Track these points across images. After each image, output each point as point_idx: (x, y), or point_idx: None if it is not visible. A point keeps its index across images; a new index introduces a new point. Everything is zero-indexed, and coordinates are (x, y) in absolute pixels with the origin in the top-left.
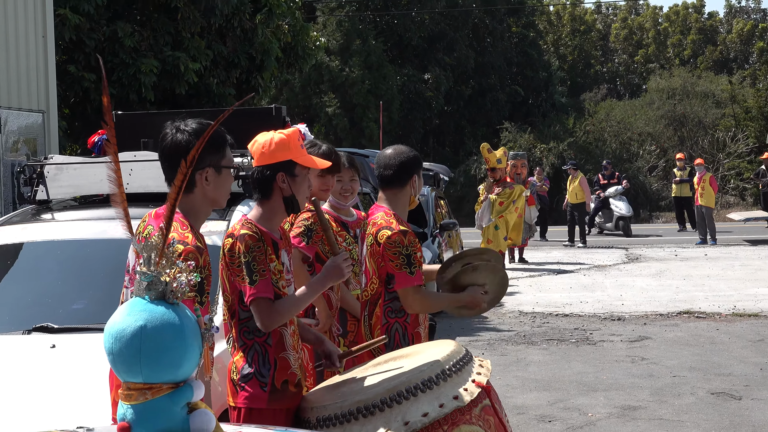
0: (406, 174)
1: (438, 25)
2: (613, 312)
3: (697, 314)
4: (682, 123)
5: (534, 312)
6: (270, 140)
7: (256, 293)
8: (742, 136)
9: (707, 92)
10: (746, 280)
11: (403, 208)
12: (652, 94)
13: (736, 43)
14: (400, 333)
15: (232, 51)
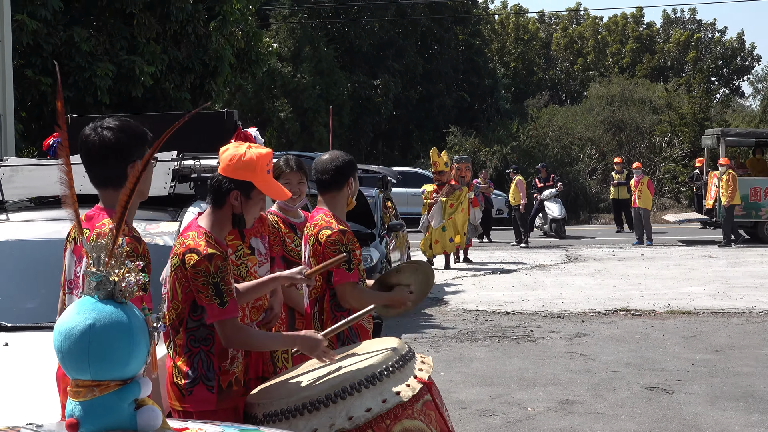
0: (342, 177)
1: (387, 32)
2: (553, 310)
3: (633, 312)
4: (620, 128)
5: (477, 310)
6: (239, 156)
7: (225, 315)
8: (677, 141)
9: (644, 99)
10: (680, 279)
11: (341, 210)
12: (592, 101)
13: (672, 52)
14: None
15: (187, 56)
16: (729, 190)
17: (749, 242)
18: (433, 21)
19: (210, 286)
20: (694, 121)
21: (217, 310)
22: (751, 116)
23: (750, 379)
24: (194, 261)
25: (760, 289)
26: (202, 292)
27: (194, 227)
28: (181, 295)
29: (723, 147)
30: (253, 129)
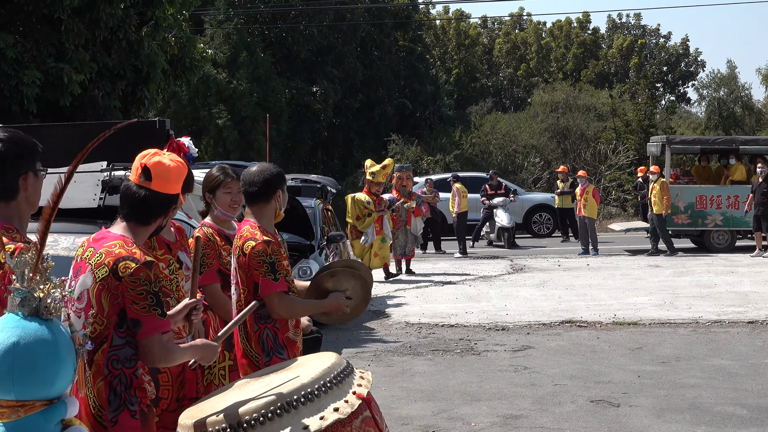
0: (270, 189)
1: (326, 38)
2: (498, 322)
3: (578, 323)
4: (565, 136)
5: (420, 323)
6: (178, 169)
7: (164, 327)
8: (622, 148)
9: (589, 106)
10: (626, 290)
11: (268, 221)
12: (536, 108)
13: (616, 58)
14: (272, 338)
15: (118, 63)
16: (662, 199)
17: (696, 251)
18: (373, 26)
19: (149, 296)
20: (640, 128)
21: (157, 322)
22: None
23: (696, 390)
24: (132, 269)
25: (706, 298)
26: (139, 303)
27: (115, 237)
28: (108, 309)
29: (668, 154)
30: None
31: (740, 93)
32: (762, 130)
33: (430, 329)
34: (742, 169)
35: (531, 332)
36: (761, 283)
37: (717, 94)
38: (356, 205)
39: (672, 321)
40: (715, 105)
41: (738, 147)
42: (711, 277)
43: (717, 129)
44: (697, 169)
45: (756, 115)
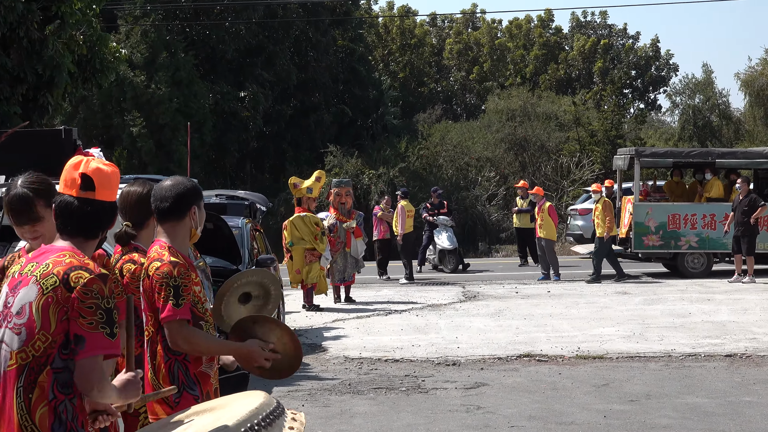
0: (183, 206)
1: (255, 36)
2: (448, 356)
3: (538, 357)
4: (523, 147)
5: (361, 357)
6: (116, 174)
7: (113, 348)
8: (587, 161)
9: (550, 114)
10: (591, 319)
11: (181, 242)
12: (490, 116)
13: (578, 60)
14: (183, 371)
15: (18, 64)
16: (605, 220)
17: (668, 276)
18: (309, 24)
19: (99, 311)
20: (606, 139)
21: (104, 341)
22: (669, 133)
23: None
24: (85, 279)
25: (680, 329)
26: (86, 318)
27: (62, 248)
28: (54, 325)
29: (637, 168)
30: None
31: (717, 100)
32: (741, 141)
33: (372, 365)
34: (719, 184)
35: (485, 367)
36: (740, 311)
37: (691, 101)
38: (308, 225)
39: (642, 354)
40: (690, 113)
41: (714, 160)
42: (685, 306)
43: (691, 140)
44: (669, 184)
45: (734, 124)
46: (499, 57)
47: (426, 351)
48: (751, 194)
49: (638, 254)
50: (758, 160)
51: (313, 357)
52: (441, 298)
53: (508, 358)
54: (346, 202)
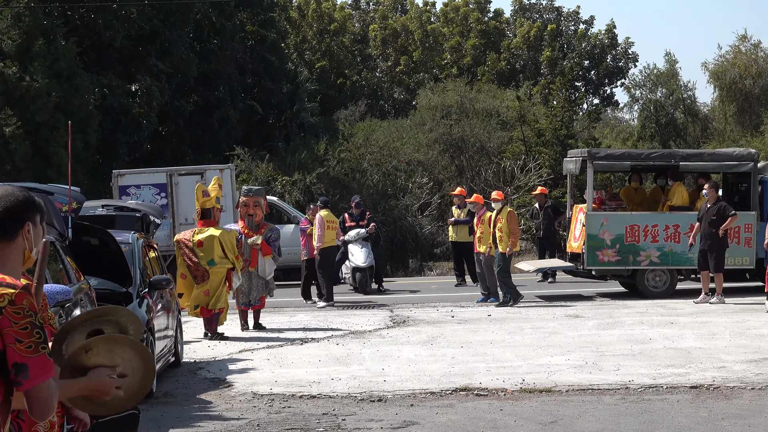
0: (13, 223)
1: (149, 21)
2: (373, 391)
3: (476, 391)
4: (460, 149)
5: (272, 394)
6: None
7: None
8: (533, 165)
9: (491, 110)
10: (538, 347)
11: (13, 267)
12: (422, 113)
13: (522, 49)
14: None
15: None
16: (508, 233)
17: (625, 296)
18: (211, 6)
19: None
20: (555, 140)
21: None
22: (627, 132)
23: None
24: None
25: (639, 357)
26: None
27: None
28: None
29: (591, 172)
30: None
31: (682, 94)
32: (709, 141)
33: (285, 402)
34: (684, 191)
35: (416, 404)
36: (707, 336)
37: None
38: (230, 240)
39: (595, 386)
40: (651, 109)
41: (678, 163)
42: (645, 330)
43: (653, 140)
44: (627, 191)
45: (701, 122)
46: (432, 45)
47: (347, 385)
48: (720, 202)
49: (592, 271)
50: (728, 163)
51: (216, 393)
52: (365, 324)
53: (442, 393)
54: (254, 214)
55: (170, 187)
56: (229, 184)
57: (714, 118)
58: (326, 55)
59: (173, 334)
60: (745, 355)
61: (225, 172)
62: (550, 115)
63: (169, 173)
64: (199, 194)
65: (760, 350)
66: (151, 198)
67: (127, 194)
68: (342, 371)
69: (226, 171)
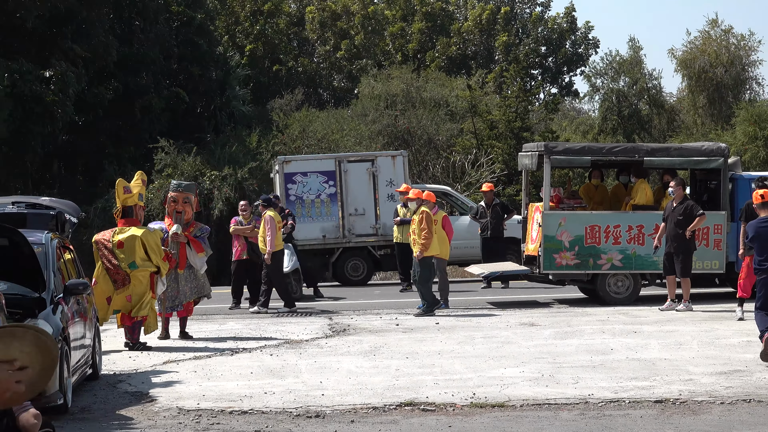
0: None
1: (65, 0)
2: (310, 406)
3: (423, 406)
4: (406, 142)
5: (199, 409)
6: None
7: None
8: (485, 160)
9: (439, 100)
10: (490, 358)
11: None
12: (364, 102)
13: (474, 34)
14: None
15: None
16: (422, 235)
17: (585, 303)
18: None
19: None
20: (509, 132)
21: None
22: (588, 124)
23: None
24: None
25: (599, 369)
26: None
27: None
28: None
29: (547, 168)
30: None
31: (647, 83)
32: (676, 135)
33: (214, 417)
34: (648, 188)
35: (356, 420)
36: (673, 347)
37: (615, 84)
38: (154, 240)
39: (552, 401)
40: (613, 100)
41: (643, 158)
42: (606, 340)
43: (615, 133)
44: (587, 188)
45: (668, 114)
46: (375, 29)
47: (282, 399)
48: (688, 201)
49: (548, 276)
50: (696, 159)
51: (137, 409)
52: (302, 333)
53: (385, 408)
54: (184, 211)
55: (339, 175)
56: (401, 173)
57: (681, 110)
58: (260, 38)
59: (91, 344)
60: (713, 367)
61: (397, 159)
62: (504, 106)
63: (338, 160)
64: (119, 190)
65: (730, 361)
66: (319, 187)
67: (293, 182)
68: (276, 384)
69: (399, 158)
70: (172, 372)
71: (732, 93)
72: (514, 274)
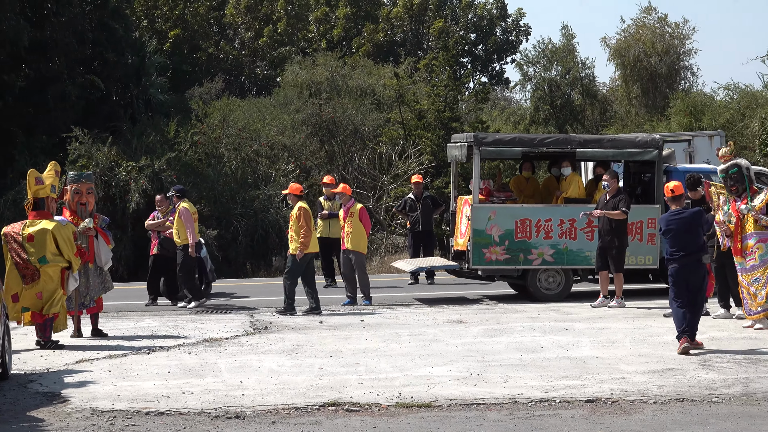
0: None
1: None
2: (230, 407)
3: (347, 406)
4: (331, 132)
5: (114, 410)
6: None
7: None
8: (413, 151)
9: (365, 88)
10: (417, 356)
11: None
12: (287, 91)
13: (404, 20)
14: None
15: None
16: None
17: (515, 299)
18: None
19: None
20: (438, 123)
21: None
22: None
23: None
24: None
25: (529, 368)
26: None
27: None
28: None
29: (477, 160)
30: None
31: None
32: (609, 125)
33: (129, 419)
34: (580, 181)
35: (278, 421)
36: (605, 344)
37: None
38: (66, 234)
39: (480, 401)
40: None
41: (575, 150)
42: (536, 337)
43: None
44: (517, 181)
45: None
46: (298, 15)
47: (201, 400)
48: (621, 194)
49: (478, 271)
50: (630, 150)
51: (49, 410)
52: (221, 331)
53: (308, 408)
54: (88, 203)
55: None
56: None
57: (615, 100)
58: (179, 23)
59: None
60: (646, 365)
61: (714, 139)
62: (433, 95)
63: None
64: (31, 181)
65: (664, 359)
66: None
67: None
68: (195, 384)
69: (716, 137)
70: (86, 371)
71: (667, 83)
72: (442, 269)
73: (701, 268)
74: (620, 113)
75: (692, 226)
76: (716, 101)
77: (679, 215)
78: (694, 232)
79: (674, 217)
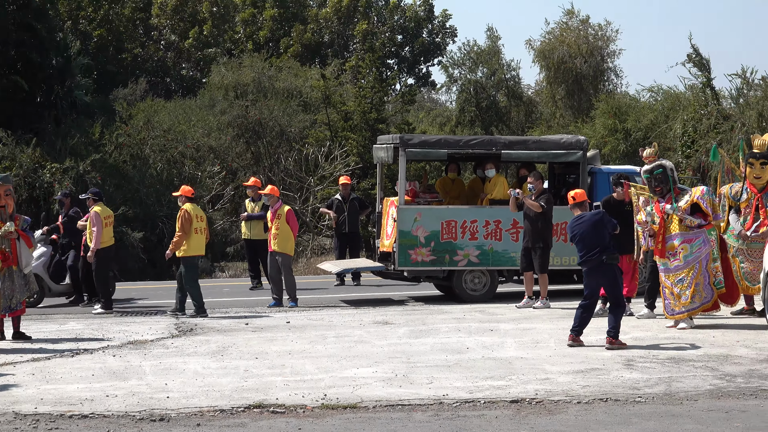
0: None
1: None
2: (154, 409)
3: (272, 408)
4: (257, 134)
5: (37, 413)
6: None
7: None
8: (339, 152)
9: (292, 90)
10: (342, 358)
11: None
12: (213, 92)
13: (333, 21)
14: None
15: None
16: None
17: (441, 300)
18: None
19: None
20: (364, 124)
21: None
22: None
23: None
24: None
25: (455, 369)
26: None
27: None
28: None
29: (403, 161)
30: None
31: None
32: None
33: (52, 422)
34: (505, 182)
35: (203, 423)
36: (530, 345)
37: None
38: None
39: (406, 402)
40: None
41: (500, 151)
42: (461, 338)
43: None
44: (443, 182)
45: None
46: (224, 16)
47: (125, 403)
48: (546, 194)
49: (403, 273)
50: (555, 152)
51: None
52: (146, 333)
53: (233, 410)
54: (6, 205)
55: None
56: None
57: (540, 102)
58: (104, 24)
59: None
60: (571, 366)
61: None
62: (359, 97)
63: None
64: None
65: (588, 360)
66: None
67: None
68: (119, 387)
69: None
70: (8, 375)
71: (592, 84)
72: (368, 270)
73: (609, 268)
74: (545, 115)
75: (595, 228)
76: (640, 103)
77: (580, 220)
78: (598, 234)
79: (577, 223)
